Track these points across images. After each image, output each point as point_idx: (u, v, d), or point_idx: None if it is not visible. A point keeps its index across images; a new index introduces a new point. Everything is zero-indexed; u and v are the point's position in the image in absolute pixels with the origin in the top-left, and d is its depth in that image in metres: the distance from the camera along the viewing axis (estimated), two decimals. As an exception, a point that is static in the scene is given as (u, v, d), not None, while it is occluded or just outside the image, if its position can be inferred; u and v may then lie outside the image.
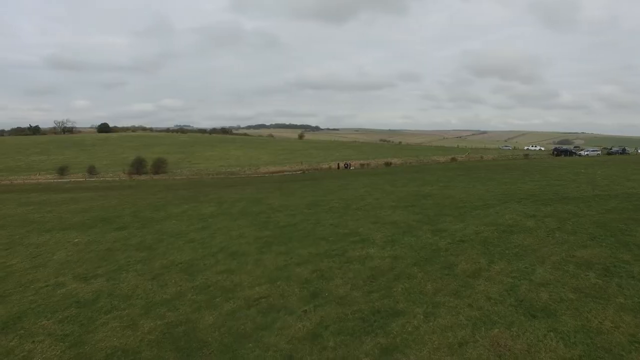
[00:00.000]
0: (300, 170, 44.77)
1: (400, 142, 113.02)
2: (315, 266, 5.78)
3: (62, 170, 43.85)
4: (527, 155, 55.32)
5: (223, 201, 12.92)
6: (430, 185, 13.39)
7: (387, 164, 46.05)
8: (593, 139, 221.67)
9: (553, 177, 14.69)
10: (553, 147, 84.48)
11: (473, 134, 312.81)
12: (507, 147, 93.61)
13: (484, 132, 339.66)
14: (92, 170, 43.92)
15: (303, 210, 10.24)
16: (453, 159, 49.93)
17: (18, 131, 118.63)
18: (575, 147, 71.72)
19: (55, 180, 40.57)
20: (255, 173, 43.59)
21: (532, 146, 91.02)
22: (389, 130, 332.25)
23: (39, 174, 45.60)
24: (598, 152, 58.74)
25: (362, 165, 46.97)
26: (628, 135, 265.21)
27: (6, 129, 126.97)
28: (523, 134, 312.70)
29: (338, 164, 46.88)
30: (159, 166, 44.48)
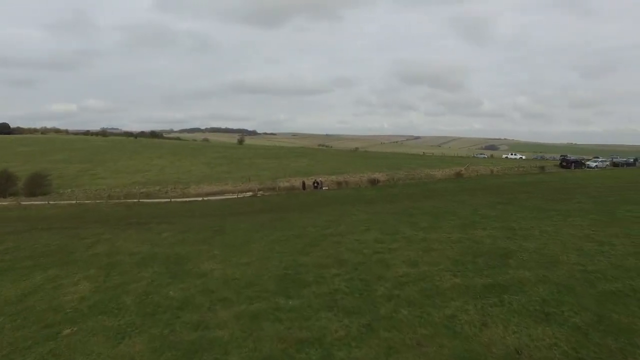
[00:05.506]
0: (249, 192, 37.34)
1: (366, 150, 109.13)
2: None
3: None
4: (542, 167, 51.53)
5: (113, 262, 7.07)
6: (482, 228, 8.45)
7: (373, 182, 39.03)
8: (515, 145, 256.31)
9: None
10: (558, 156, 79.24)
11: (408, 139, 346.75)
12: (483, 156, 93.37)
13: (418, 137, 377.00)
14: None
15: (274, 297, 4.80)
16: (458, 174, 44.63)
17: None
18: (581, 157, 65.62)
19: None
20: (183, 195, 35.94)
21: (512, 154, 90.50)
22: (326, 134, 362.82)
23: None
24: (607, 163, 58.07)
25: (338, 183, 39.74)
26: (542, 142, 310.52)
27: None
28: (455, 139, 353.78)
29: (303, 182, 39.31)
30: (36, 185, 34.70)
